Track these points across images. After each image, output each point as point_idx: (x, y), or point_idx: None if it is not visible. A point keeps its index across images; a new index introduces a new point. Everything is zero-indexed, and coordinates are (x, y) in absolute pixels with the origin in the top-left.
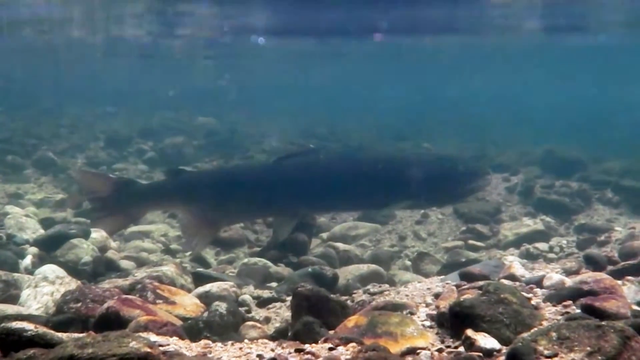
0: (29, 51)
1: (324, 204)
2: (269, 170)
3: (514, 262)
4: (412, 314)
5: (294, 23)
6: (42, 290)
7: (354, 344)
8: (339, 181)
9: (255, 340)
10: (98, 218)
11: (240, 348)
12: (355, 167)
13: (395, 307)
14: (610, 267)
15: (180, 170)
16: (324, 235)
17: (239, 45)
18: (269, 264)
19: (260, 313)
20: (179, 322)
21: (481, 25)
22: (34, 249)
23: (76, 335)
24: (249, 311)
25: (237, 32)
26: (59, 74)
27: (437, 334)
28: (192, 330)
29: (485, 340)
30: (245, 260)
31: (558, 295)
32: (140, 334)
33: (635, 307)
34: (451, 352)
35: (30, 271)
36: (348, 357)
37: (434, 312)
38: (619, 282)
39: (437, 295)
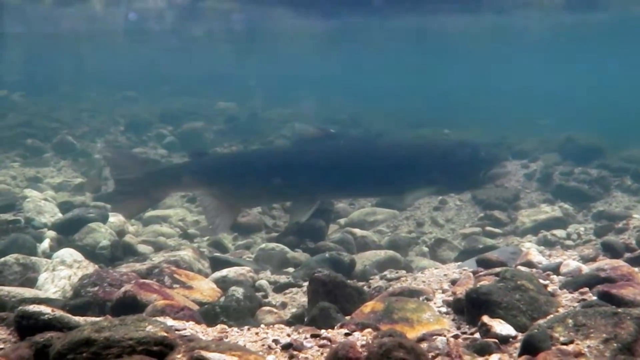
0: (51, 34)
1: (343, 189)
2: (290, 154)
3: (531, 249)
4: (428, 300)
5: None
6: (60, 273)
7: (370, 330)
8: (358, 166)
9: (271, 326)
10: (121, 200)
11: (257, 333)
12: (375, 153)
13: (412, 293)
14: (627, 255)
15: (203, 152)
16: (342, 220)
17: (261, 30)
18: (286, 249)
19: (276, 298)
20: (195, 307)
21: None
22: (52, 233)
23: (93, 319)
24: (265, 296)
25: (259, 17)
26: (80, 58)
27: (453, 320)
28: (208, 315)
29: (501, 327)
30: (263, 245)
31: (575, 282)
32: (157, 318)
33: None
34: (467, 338)
35: (48, 255)
36: (364, 342)
37: (451, 299)
38: (636, 269)
39: (453, 282)
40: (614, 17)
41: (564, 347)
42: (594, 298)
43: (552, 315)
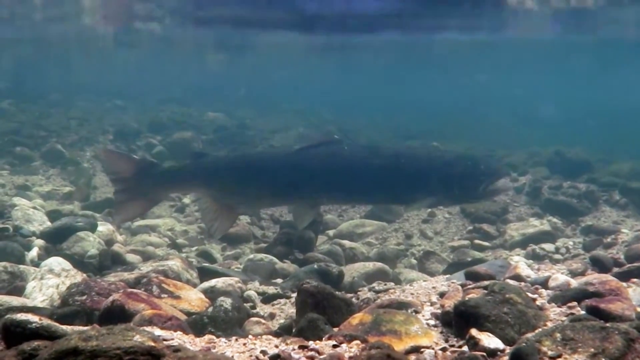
0: (39, 42)
1: (344, 195)
2: (292, 157)
3: (520, 263)
4: (416, 312)
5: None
6: (48, 282)
7: (358, 342)
8: (361, 173)
9: (259, 336)
10: (120, 202)
11: (244, 344)
12: (378, 160)
13: (400, 306)
14: (616, 269)
15: (204, 153)
16: (331, 232)
17: (249, 40)
18: (275, 260)
19: (264, 309)
20: (183, 317)
21: (497, 23)
22: (40, 241)
23: (81, 328)
24: (253, 307)
25: (248, 27)
26: (69, 66)
27: (441, 333)
28: (196, 325)
29: (490, 340)
30: (251, 256)
31: (563, 297)
32: (145, 327)
33: None
34: (455, 352)
35: (36, 263)
36: (352, 354)
37: (439, 311)
38: (625, 284)
39: (442, 294)
40: (604, 36)
41: None
42: (582, 312)
43: (540, 329)
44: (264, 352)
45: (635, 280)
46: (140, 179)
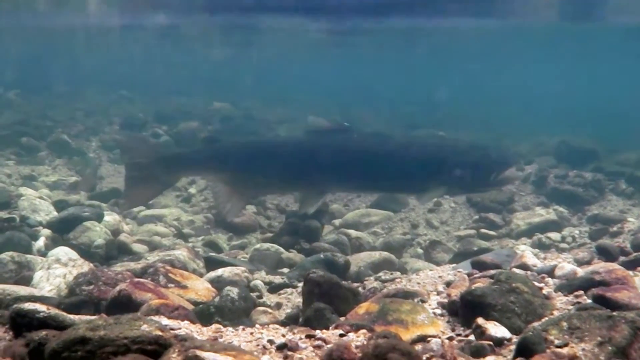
0: (45, 32)
1: (353, 184)
2: (302, 145)
3: (526, 252)
4: (423, 301)
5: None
6: (55, 272)
7: (364, 331)
8: (370, 162)
9: (266, 326)
10: (133, 186)
11: (251, 333)
12: (388, 149)
13: (407, 295)
14: (622, 258)
15: (216, 139)
16: (337, 222)
17: (254, 30)
18: (281, 249)
19: (271, 298)
20: (190, 307)
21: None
22: (47, 231)
23: (88, 317)
24: (260, 296)
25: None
26: (76, 57)
27: (448, 322)
28: (203, 314)
29: (496, 329)
30: (258, 245)
31: (569, 285)
32: (152, 317)
33: None
34: (462, 341)
35: (43, 253)
36: (359, 343)
37: (445, 301)
38: (631, 272)
39: (448, 284)
40: (609, 25)
41: (559, 350)
42: (589, 301)
43: (546, 318)
44: (271, 342)
45: None
46: (156, 162)
